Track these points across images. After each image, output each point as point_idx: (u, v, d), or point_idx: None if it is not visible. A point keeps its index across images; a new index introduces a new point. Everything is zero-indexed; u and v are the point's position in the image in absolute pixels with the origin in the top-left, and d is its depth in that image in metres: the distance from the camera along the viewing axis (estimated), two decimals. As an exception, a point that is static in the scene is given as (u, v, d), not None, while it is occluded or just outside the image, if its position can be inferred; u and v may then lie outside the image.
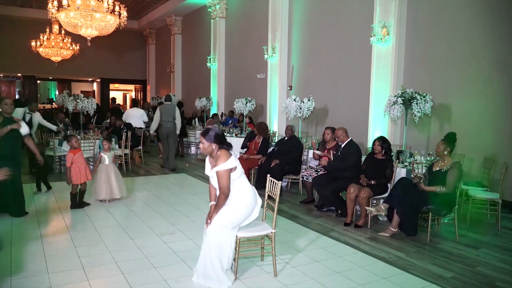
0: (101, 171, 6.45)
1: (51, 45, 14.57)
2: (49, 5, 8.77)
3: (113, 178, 6.47)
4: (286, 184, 7.95)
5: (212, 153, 3.70)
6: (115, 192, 6.48)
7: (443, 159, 5.20)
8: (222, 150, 3.67)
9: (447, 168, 5.08)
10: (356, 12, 9.30)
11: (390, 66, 8.00)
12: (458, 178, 5.05)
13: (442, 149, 5.18)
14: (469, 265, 4.39)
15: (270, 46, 11.43)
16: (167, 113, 9.65)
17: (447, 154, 5.17)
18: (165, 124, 9.64)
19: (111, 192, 6.46)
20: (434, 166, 5.28)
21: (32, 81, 21.86)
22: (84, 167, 6.26)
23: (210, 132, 3.66)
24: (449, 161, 5.14)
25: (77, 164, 6.16)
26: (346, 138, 6.28)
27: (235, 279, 3.83)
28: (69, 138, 6.39)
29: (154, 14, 19.31)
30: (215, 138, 3.64)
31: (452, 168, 5.03)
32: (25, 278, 3.78)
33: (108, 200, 6.52)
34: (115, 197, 6.53)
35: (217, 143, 3.65)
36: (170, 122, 9.67)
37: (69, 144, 6.35)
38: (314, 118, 10.33)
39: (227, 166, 3.61)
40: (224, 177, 3.61)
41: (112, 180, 6.46)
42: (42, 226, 5.34)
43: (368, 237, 5.20)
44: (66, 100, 10.83)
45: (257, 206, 3.85)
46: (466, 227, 5.67)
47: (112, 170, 6.51)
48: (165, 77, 20.50)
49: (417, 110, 6.37)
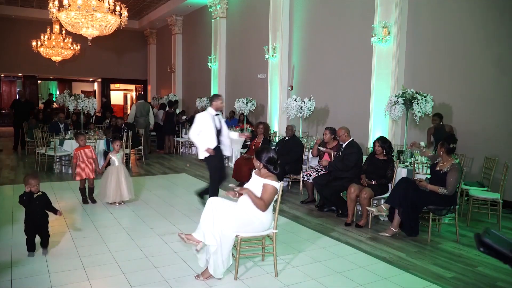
0: (111, 173, 6.32)
1: (52, 45, 14.58)
2: (50, 5, 8.78)
3: (123, 180, 6.35)
4: (287, 184, 7.95)
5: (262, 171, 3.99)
6: (125, 194, 6.36)
7: (444, 159, 5.20)
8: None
9: (446, 169, 5.09)
10: (357, 12, 9.30)
11: (391, 66, 8.00)
12: (458, 180, 5.05)
13: (438, 149, 5.25)
14: (470, 265, 4.39)
15: (271, 46, 11.43)
16: (141, 110, 11.44)
17: (443, 153, 5.17)
18: (140, 120, 11.38)
19: (121, 194, 6.33)
20: (436, 165, 5.29)
21: (33, 81, 21.89)
22: (90, 164, 6.35)
23: (264, 154, 3.95)
24: (449, 162, 5.14)
25: (82, 161, 6.30)
26: (347, 138, 6.28)
27: (236, 279, 3.83)
28: (76, 137, 6.61)
29: (155, 14, 19.31)
30: (268, 160, 3.94)
31: (451, 170, 5.02)
32: (25, 278, 3.78)
33: (118, 203, 6.41)
34: (125, 199, 6.42)
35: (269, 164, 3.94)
36: (143, 118, 11.44)
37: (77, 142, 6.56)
38: (315, 118, 10.33)
39: (276, 185, 3.85)
40: (269, 192, 3.83)
41: (123, 182, 6.34)
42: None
43: (369, 237, 5.20)
44: (67, 100, 10.84)
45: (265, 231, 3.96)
46: (466, 227, 5.68)
47: (123, 171, 6.40)
48: (165, 77, 20.50)
49: (418, 110, 6.36)
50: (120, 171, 6.38)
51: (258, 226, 3.86)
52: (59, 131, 9.90)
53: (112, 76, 23.03)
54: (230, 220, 3.73)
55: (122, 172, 6.37)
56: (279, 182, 3.91)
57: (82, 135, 6.59)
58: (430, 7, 7.82)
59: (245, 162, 7.68)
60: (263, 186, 3.84)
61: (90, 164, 6.37)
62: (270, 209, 3.93)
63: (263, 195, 3.82)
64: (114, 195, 6.30)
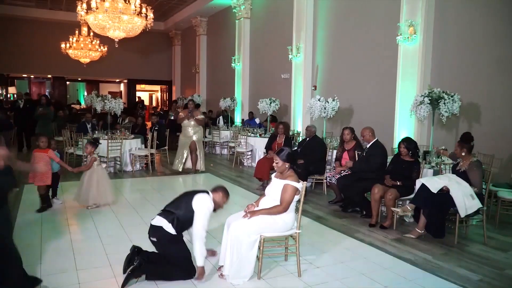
0: (90, 174, 6.07)
1: (80, 47, 14.94)
2: (78, 8, 9.00)
3: (104, 182, 6.15)
4: (311, 185, 7.92)
5: (284, 172, 3.98)
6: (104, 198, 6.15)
7: (463, 159, 5.24)
8: (292, 170, 4.00)
9: (465, 168, 5.14)
10: (382, 10, 9.19)
11: (417, 65, 7.87)
12: (481, 175, 5.09)
13: (459, 150, 5.26)
14: (498, 268, 4.30)
15: (295, 46, 11.41)
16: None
17: (465, 154, 5.21)
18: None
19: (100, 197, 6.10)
20: (457, 165, 5.33)
21: (62, 82, 22.46)
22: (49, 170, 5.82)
23: (283, 151, 4.00)
24: (468, 160, 5.18)
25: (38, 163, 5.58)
26: (372, 138, 6.22)
27: (259, 278, 3.85)
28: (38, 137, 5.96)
29: (179, 15, 19.55)
30: (287, 157, 3.96)
31: (471, 168, 5.06)
32: (53, 274, 3.88)
33: (97, 206, 6.14)
34: (105, 202, 6.20)
35: (289, 162, 3.97)
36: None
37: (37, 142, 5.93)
38: (339, 118, 10.26)
39: (296, 185, 3.87)
40: (289, 193, 3.86)
41: (103, 185, 6.13)
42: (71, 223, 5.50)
43: (393, 239, 5.14)
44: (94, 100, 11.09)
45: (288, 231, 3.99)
46: (494, 229, 5.55)
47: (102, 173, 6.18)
48: (190, 78, 20.71)
49: (445, 110, 6.25)
50: (100, 172, 6.16)
51: (281, 226, 3.89)
52: (87, 131, 10.14)
53: (137, 77, 23.42)
54: (253, 225, 3.77)
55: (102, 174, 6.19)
56: (300, 182, 3.92)
57: (44, 136, 5.96)
58: (456, 5, 7.67)
59: (267, 161, 7.67)
60: (283, 187, 3.87)
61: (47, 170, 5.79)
62: (292, 209, 3.94)
63: (282, 196, 3.85)
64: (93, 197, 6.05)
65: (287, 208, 3.86)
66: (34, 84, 23.94)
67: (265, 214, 3.85)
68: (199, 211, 3.70)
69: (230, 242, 3.75)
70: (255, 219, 3.81)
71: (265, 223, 3.81)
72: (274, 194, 3.96)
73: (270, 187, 4.08)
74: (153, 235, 3.78)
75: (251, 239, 3.73)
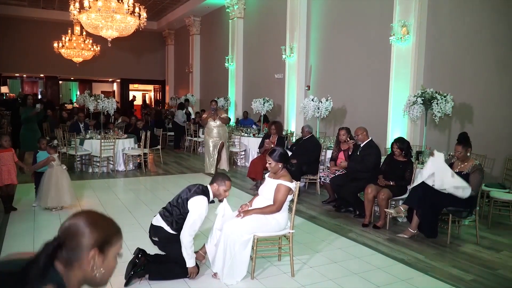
0: (49, 175, 5.87)
1: (72, 46, 14.84)
2: (71, 7, 8.93)
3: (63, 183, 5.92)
4: (304, 184, 7.92)
5: (278, 171, 4.00)
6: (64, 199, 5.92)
7: (465, 161, 5.14)
8: (286, 170, 4.02)
9: (468, 170, 5.03)
10: (375, 11, 9.22)
11: (410, 66, 7.89)
12: (482, 180, 5.04)
13: (464, 152, 5.11)
14: (490, 267, 4.32)
15: (288, 46, 11.41)
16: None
17: (469, 155, 5.13)
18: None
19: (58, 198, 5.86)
20: (453, 167, 5.20)
21: (54, 81, 22.30)
22: (13, 168, 5.75)
23: (276, 152, 4.02)
24: (470, 163, 5.08)
25: (4, 164, 5.68)
26: (366, 138, 6.23)
27: (252, 278, 3.85)
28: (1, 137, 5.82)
29: (173, 15, 19.49)
30: (280, 157, 3.98)
31: (474, 172, 4.97)
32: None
33: (55, 208, 5.93)
34: (64, 204, 5.98)
35: (281, 162, 3.99)
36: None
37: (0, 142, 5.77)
38: (332, 118, 10.28)
39: (289, 185, 3.89)
40: (282, 192, 3.87)
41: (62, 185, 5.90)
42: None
43: (386, 239, 5.16)
44: (87, 100, 11.02)
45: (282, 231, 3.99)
46: (487, 229, 5.58)
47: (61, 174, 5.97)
48: (183, 77, 20.66)
49: (438, 110, 6.28)
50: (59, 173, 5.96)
51: (274, 225, 3.89)
52: (79, 131, 10.07)
53: (131, 76, 23.29)
54: (246, 224, 3.77)
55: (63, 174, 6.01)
56: (293, 182, 3.94)
57: (6, 136, 5.87)
58: (450, 6, 7.70)
59: (261, 161, 7.67)
60: (277, 186, 3.88)
61: (13, 169, 5.76)
62: (286, 209, 3.95)
63: (275, 195, 3.87)
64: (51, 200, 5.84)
65: (280, 207, 3.87)
66: (26, 83, 23.76)
67: (258, 214, 3.86)
68: (189, 217, 3.68)
69: (223, 241, 3.75)
70: (248, 218, 3.81)
71: (258, 222, 3.82)
72: (267, 193, 3.97)
73: (263, 187, 4.09)
74: (155, 235, 3.82)
75: (244, 239, 3.73)
